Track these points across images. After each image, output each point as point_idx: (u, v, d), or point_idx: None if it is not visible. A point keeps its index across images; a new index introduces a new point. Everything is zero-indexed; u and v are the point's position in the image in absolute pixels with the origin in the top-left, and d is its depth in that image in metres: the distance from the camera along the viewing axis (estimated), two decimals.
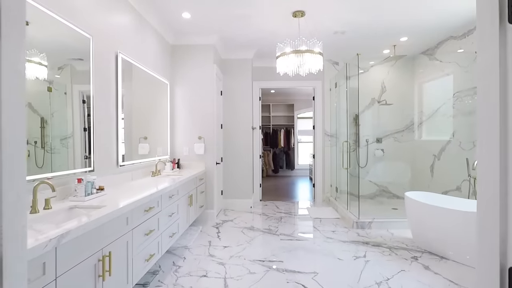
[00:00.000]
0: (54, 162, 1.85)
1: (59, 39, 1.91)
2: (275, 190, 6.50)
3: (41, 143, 1.74)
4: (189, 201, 3.16)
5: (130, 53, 2.84)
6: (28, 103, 1.67)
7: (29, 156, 1.66)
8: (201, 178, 3.72)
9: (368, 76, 5.21)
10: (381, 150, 5.16)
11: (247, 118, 4.74)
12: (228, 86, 4.73)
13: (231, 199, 4.73)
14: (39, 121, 1.75)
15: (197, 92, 3.98)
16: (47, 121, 1.80)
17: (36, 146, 1.71)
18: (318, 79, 5.22)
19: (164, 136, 3.80)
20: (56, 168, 1.87)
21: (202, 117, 3.97)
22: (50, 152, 1.81)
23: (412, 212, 3.03)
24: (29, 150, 1.65)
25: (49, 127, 1.82)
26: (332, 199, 4.99)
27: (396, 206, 4.69)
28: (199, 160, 3.97)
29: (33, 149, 1.69)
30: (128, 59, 2.78)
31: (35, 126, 1.72)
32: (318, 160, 5.25)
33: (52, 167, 1.82)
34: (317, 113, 5.24)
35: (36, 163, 1.71)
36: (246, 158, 4.73)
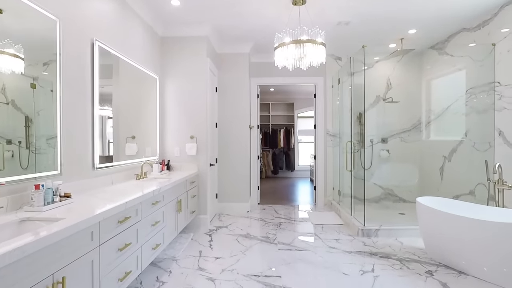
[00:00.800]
0: (40, 163, 1.76)
1: (38, 31, 1.77)
2: (274, 193, 6.20)
3: (25, 143, 1.68)
4: (178, 207, 2.86)
5: (111, 42, 2.54)
6: (11, 100, 1.59)
7: (13, 156, 1.60)
8: (192, 181, 3.42)
9: (372, 72, 4.91)
10: (387, 151, 4.86)
11: (244, 116, 4.44)
12: (224, 82, 4.43)
13: (227, 202, 4.43)
14: (23, 120, 1.68)
15: (189, 87, 3.68)
16: (32, 120, 1.73)
17: (21, 146, 1.65)
18: (319, 75, 4.92)
19: (153, 136, 3.51)
20: (42, 169, 1.78)
21: (195, 115, 3.67)
22: (35, 153, 1.73)
23: (425, 220, 2.72)
24: (13, 150, 1.60)
25: (34, 126, 1.74)
26: (334, 202, 4.69)
27: (403, 211, 4.39)
28: (191, 162, 3.67)
29: (17, 149, 1.62)
30: (108, 49, 2.48)
31: (19, 125, 1.65)
32: (320, 161, 4.95)
33: (36, 169, 1.74)
34: (318, 111, 4.94)
35: (21, 164, 1.64)
36: (243, 159, 4.44)
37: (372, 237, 3.27)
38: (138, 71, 3.13)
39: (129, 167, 2.89)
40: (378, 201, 4.92)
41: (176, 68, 3.69)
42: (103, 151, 2.50)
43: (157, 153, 3.54)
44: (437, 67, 4.44)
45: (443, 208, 2.73)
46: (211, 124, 3.98)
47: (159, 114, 3.60)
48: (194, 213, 3.49)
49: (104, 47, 2.43)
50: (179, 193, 2.93)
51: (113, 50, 2.57)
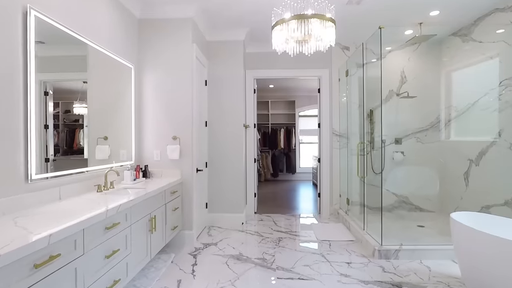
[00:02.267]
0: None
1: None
2: (273, 199, 5.61)
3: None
4: (151, 226, 2.29)
5: (60, 16, 1.96)
6: None
7: None
8: (174, 190, 2.84)
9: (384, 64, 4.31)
10: (401, 153, 4.28)
11: (239, 114, 3.86)
12: (215, 75, 3.85)
13: (218, 213, 3.85)
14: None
15: (171, 79, 3.10)
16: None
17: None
18: (324, 67, 4.34)
19: (128, 136, 2.94)
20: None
21: (178, 112, 3.09)
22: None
23: (463, 243, 2.14)
24: None
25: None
26: (342, 212, 4.11)
27: (421, 222, 3.80)
28: (173, 167, 3.09)
29: None
30: (55, 24, 1.91)
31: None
32: (325, 164, 4.36)
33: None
34: (323, 108, 4.36)
35: None
36: (237, 163, 3.86)
37: (392, 259, 2.69)
38: (108, 59, 2.57)
39: (93, 175, 2.32)
40: (391, 210, 4.33)
41: (156, 56, 3.11)
42: (47, 154, 1.93)
43: (132, 157, 2.96)
44: (460, 56, 3.85)
45: (488, 228, 2.15)
46: (198, 122, 3.40)
47: (135, 110, 3.03)
48: (177, 229, 2.91)
49: (49, 20, 1.85)
50: (153, 208, 2.36)
51: (65, 27, 1.99)
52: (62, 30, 1.99)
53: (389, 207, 4.33)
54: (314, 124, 8.25)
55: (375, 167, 4.10)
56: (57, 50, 2.06)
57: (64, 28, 2.00)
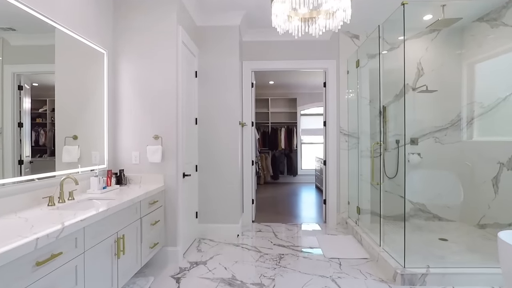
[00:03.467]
0: None
1: None
2: (273, 204, 5.13)
3: None
4: (118, 248, 1.80)
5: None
6: None
7: None
8: (153, 200, 2.36)
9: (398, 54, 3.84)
10: (418, 155, 3.79)
11: (234, 110, 3.38)
12: (207, 65, 3.37)
13: (211, 224, 3.36)
14: None
15: (152, 67, 2.62)
16: None
17: None
18: (331, 57, 3.85)
19: (101, 135, 2.46)
20: None
21: (161, 106, 2.61)
22: None
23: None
24: None
25: None
26: (351, 222, 3.63)
27: (443, 234, 3.32)
28: (154, 172, 2.61)
29: None
30: (21, 5, 1.47)
31: None
32: (331, 167, 3.88)
33: None
34: (329, 104, 3.87)
35: None
36: (232, 166, 3.37)
37: (417, 286, 2.21)
38: (76, 44, 2.13)
39: (50, 183, 1.84)
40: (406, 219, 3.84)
41: (134, 41, 2.63)
42: (21, 155, 1.49)
43: (104, 160, 2.48)
44: (488, 45, 3.37)
45: None
46: (186, 119, 2.92)
47: (109, 104, 2.54)
48: (158, 246, 2.42)
49: (13, 2, 1.39)
50: (122, 224, 1.88)
51: (33, 9, 1.52)
52: (29, 13, 1.58)
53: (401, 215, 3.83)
54: (316, 123, 7.78)
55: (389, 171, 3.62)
56: (31, 39, 1.81)
57: (30, 10, 1.56)
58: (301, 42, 3.82)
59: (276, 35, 3.77)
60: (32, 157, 1.83)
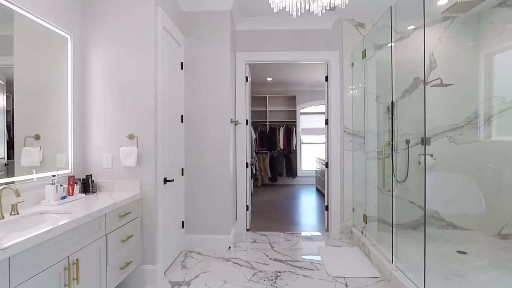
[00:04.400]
0: None
1: None
2: (271, 209, 4.76)
3: None
4: (71, 276, 1.43)
5: None
6: None
7: None
8: (125, 212, 1.98)
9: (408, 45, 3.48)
10: (430, 156, 3.42)
11: (226, 107, 3.00)
12: (194, 56, 2.99)
13: (199, 234, 2.99)
14: None
15: (128, 56, 2.24)
16: None
17: None
18: (333, 48, 3.48)
19: (65, 135, 2.10)
20: None
21: (137, 101, 2.24)
22: None
23: None
24: None
25: None
26: (356, 231, 3.25)
27: (460, 246, 2.96)
28: (130, 177, 2.23)
29: None
30: None
31: None
32: (334, 170, 3.51)
33: None
34: (332, 101, 3.50)
35: None
36: (223, 169, 3.00)
37: None
38: (38, 29, 1.79)
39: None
40: (416, 227, 3.47)
41: (106, 27, 2.25)
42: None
43: (69, 164, 2.11)
44: (509, 33, 3.00)
45: None
46: (170, 117, 2.55)
47: (74, 98, 2.16)
48: (131, 266, 2.05)
49: None
50: (76, 247, 1.50)
51: None
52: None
53: (413, 224, 3.46)
54: (317, 122, 7.42)
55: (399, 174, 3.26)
56: None
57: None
58: (301, 32, 3.45)
59: (272, 24, 3.40)
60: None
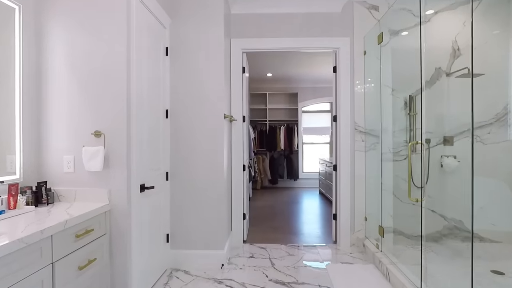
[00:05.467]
0: None
1: None
2: (270, 216, 4.32)
3: None
4: None
5: None
6: None
7: None
8: (85, 230, 1.55)
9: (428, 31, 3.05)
10: (453, 157, 2.99)
11: (219, 101, 2.57)
12: (181, 41, 2.56)
13: (187, 249, 2.55)
14: None
15: (95, 36, 1.81)
16: None
17: None
18: (343, 34, 3.05)
19: (13, 132, 1.66)
20: None
21: (105, 91, 1.80)
22: None
23: None
24: None
25: None
26: (370, 245, 2.82)
27: (493, 264, 2.53)
28: (97, 184, 1.80)
29: None
30: None
31: None
32: (344, 174, 3.07)
33: None
34: (341, 94, 3.07)
35: None
36: (216, 172, 2.56)
37: None
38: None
39: None
40: (438, 240, 3.04)
41: (70, 0, 1.83)
42: None
43: (16, 168, 1.67)
44: None
45: None
46: (150, 111, 2.12)
47: (22, 85, 1.72)
48: None
49: None
50: (3, 285, 1.07)
51: None
52: None
53: (435, 236, 3.04)
54: (320, 121, 6.99)
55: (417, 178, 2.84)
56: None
57: None
58: (306, 15, 3.03)
59: (273, 6, 2.97)
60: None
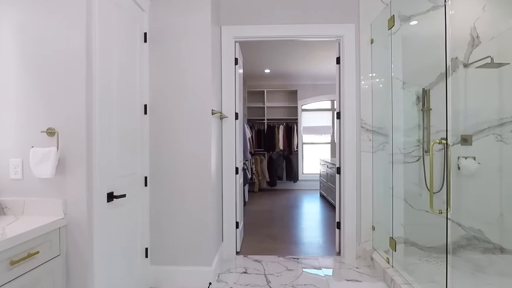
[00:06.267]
0: None
1: None
2: (268, 223, 3.99)
3: None
4: None
5: None
6: None
7: None
8: (28, 253, 1.21)
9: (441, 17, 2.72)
10: (473, 159, 2.66)
11: (205, 94, 2.24)
12: (162, 26, 2.23)
13: (169, 266, 2.22)
14: None
15: (50, 13, 1.48)
16: None
17: None
18: (348, 20, 2.72)
19: None
20: None
21: (62, 82, 1.47)
22: None
23: None
24: None
25: None
26: (379, 258, 2.48)
27: None
28: (49, 194, 1.46)
29: None
30: None
31: None
32: (349, 177, 2.74)
33: None
34: (345, 88, 2.73)
35: None
36: (202, 177, 2.23)
37: None
38: None
39: None
40: (455, 252, 2.71)
41: None
42: None
43: None
44: None
45: None
46: (123, 105, 1.78)
47: None
48: None
49: None
50: None
51: None
52: None
53: (452, 247, 2.71)
54: (321, 119, 6.67)
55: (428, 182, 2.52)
56: None
57: None
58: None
59: None
60: None
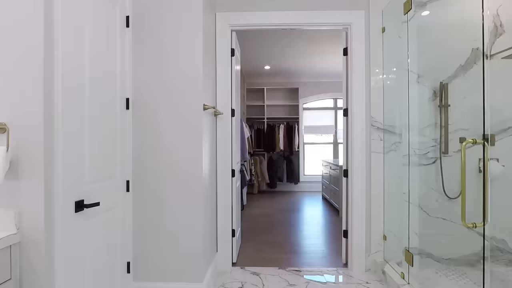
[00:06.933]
0: None
1: None
2: (267, 228, 3.73)
3: None
4: None
5: None
6: None
7: None
8: None
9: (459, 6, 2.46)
10: (496, 161, 2.39)
11: (196, 87, 1.97)
12: (147, 11, 1.97)
13: (154, 282, 1.96)
14: None
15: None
16: None
17: None
18: (356, 6, 2.45)
19: None
20: None
21: (18, 68, 1.21)
22: None
23: None
24: None
25: None
26: (392, 272, 2.21)
27: None
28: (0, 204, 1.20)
29: None
30: None
31: None
32: (357, 181, 2.47)
33: None
34: (354, 83, 2.47)
35: None
36: (193, 180, 1.97)
37: None
38: None
39: None
40: (475, 264, 2.44)
41: None
42: None
43: None
44: None
45: None
46: (97, 98, 1.51)
47: None
48: None
49: None
50: None
51: None
52: None
53: (471, 259, 2.44)
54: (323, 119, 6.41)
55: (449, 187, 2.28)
56: None
57: None
58: None
59: None
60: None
